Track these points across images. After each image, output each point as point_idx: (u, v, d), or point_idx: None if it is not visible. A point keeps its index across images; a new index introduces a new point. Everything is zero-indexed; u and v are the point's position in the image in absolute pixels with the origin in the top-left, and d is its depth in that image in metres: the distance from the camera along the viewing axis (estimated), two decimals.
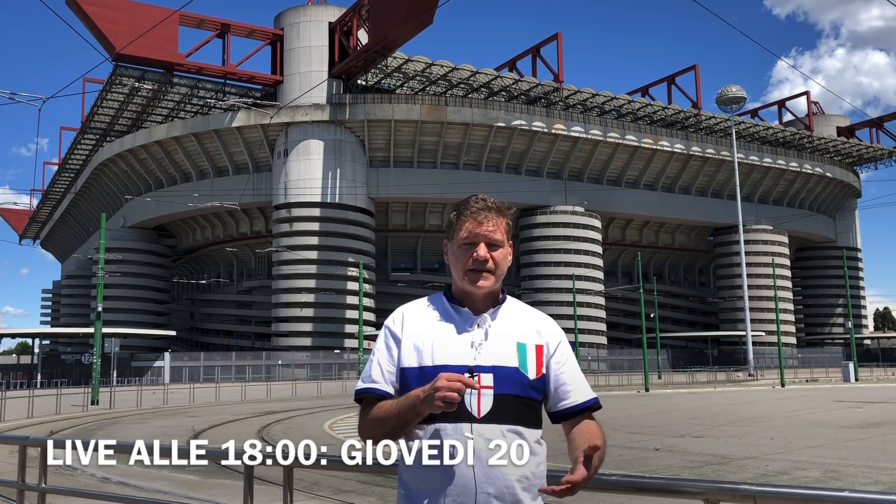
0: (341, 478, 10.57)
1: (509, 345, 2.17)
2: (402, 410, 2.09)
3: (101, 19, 58.90)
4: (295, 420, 22.96)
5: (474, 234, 2.21)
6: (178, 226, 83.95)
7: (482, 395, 2.10)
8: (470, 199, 2.27)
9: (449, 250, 2.29)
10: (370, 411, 2.18)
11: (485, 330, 2.20)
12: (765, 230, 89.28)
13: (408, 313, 2.28)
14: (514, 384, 2.13)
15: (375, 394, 2.19)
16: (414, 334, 2.21)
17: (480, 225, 2.21)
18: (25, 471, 4.50)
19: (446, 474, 2.07)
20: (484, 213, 2.23)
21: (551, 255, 75.92)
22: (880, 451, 13.85)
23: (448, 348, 2.16)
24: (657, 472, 11.37)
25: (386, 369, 2.21)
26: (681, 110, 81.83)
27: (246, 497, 3.39)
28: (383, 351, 2.24)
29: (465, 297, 2.25)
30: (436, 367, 2.13)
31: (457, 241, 2.24)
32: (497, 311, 2.24)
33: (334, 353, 66.69)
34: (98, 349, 34.08)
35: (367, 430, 2.19)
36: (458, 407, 2.02)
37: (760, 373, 65.00)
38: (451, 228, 2.28)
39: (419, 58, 68.22)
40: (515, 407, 2.12)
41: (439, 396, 1.98)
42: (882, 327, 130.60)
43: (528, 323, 2.25)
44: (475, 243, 2.21)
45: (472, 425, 2.08)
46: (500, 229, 2.23)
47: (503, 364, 2.14)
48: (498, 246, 2.22)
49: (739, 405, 27.64)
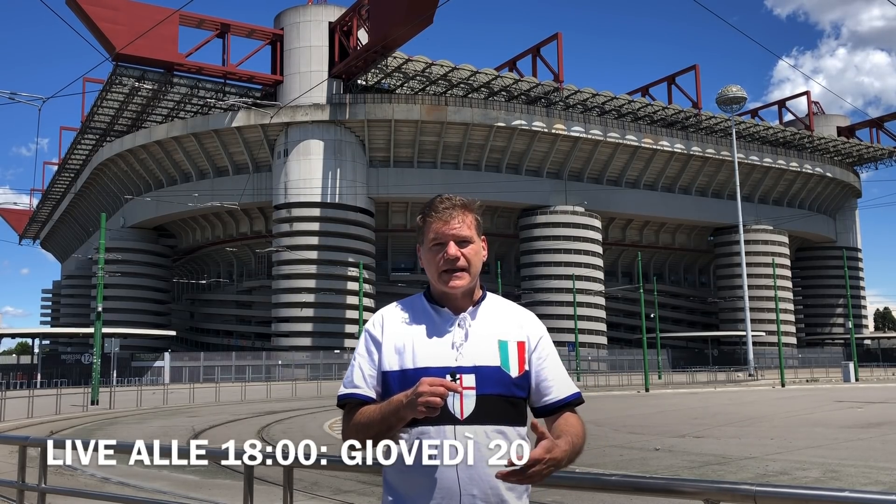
0: (341, 478, 10.57)
1: (490, 343, 2.16)
2: (385, 416, 2.08)
3: (101, 19, 58.89)
4: (295, 420, 22.96)
5: (442, 233, 2.20)
6: (178, 226, 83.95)
7: (465, 396, 2.09)
8: (435, 200, 2.26)
9: (421, 254, 2.28)
10: (353, 416, 2.17)
11: (465, 330, 2.19)
12: (765, 230, 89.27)
13: (387, 316, 2.27)
14: (497, 383, 2.12)
15: (358, 399, 2.18)
16: (394, 337, 2.20)
17: (447, 223, 2.20)
18: (25, 471, 4.50)
19: (430, 477, 2.07)
20: (449, 211, 2.22)
21: (551, 255, 75.90)
22: (880, 451, 13.85)
23: (429, 350, 2.16)
24: (657, 472, 11.37)
25: (367, 373, 2.20)
26: (681, 110, 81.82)
27: (246, 497, 3.39)
28: (364, 355, 2.23)
29: (443, 297, 2.24)
30: (417, 369, 2.12)
31: (427, 243, 2.24)
32: (477, 309, 2.24)
33: (334, 353, 66.68)
34: (98, 349, 34.07)
35: (351, 435, 2.19)
36: (441, 409, 2.02)
37: (760, 373, 64.97)
38: (420, 232, 2.27)
39: (419, 58, 68.19)
40: (499, 406, 2.11)
41: (422, 401, 1.97)
42: (882, 327, 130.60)
43: (509, 319, 2.24)
44: (444, 243, 2.20)
45: (455, 427, 2.08)
46: (468, 225, 2.23)
47: (485, 363, 2.13)
48: (468, 242, 2.22)
49: (739, 405, 27.63)
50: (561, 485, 2.67)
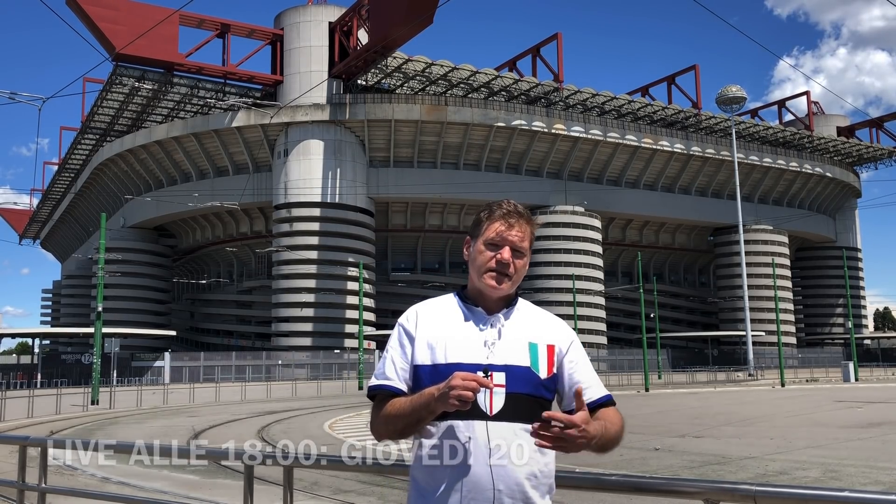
0: (341, 478, 10.58)
1: (521, 344, 2.20)
2: (415, 408, 2.11)
3: (101, 19, 58.90)
4: (295, 420, 22.97)
5: (503, 236, 2.26)
6: (178, 226, 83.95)
7: (494, 393, 2.12)
8: (503, 202, 2.31)
9: (471, 247, 2.32)
10: (383, 408, 2.20)
11: (498, 329, 2.22)
12: (765, 230, 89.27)
13: (422, 312, 2.30)
14: (526, 383, 2.16)
15: (389, 390, 2.22)
16: (428, 332, 2.24)
17: (511, 228, 2.26)
18: (25, 471, 4.50)
19: (459, 471, 2.09)
20: (515, 217, 2.28)
21: (551, 255, 75.89)
22: (880, 451, 13.85)
23: (461, 347, 2.19)
24: (657, 472, 11.37)
25: (399, 366, 2.24)
26: (681, 110, 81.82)
27: (246, 497, 3.39)
28: (397, 348, 2.26)
29: (479, 297, 2.28)
30: (449, 365, 2.15)
31: (483, 239, 2.28)
32: (510, 311, 2.28)
33: (334, 353, 66.69)
34: (98, 349, 34.06)
35: (380, 427, 2.22)
36: (472, 405, 2.04)
37: (760, 373, 64.97)
38: (478, 226, 2.31)
39: (419, 58, 68.18)
40: (527, 405, 2.14)
41: (454, 395, 2.00)
42: (882, 327, 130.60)
43: (540, 324, 2.29)
44: (501, 245, 2.25)
45: (485, 423, 2.10)
46: (527, 237, 2.29)
47: (515, 363, 2.17)
48: (522, 254, 2.28)
49: (739, 405, 27.63)
50: (561, 485, 2.67)
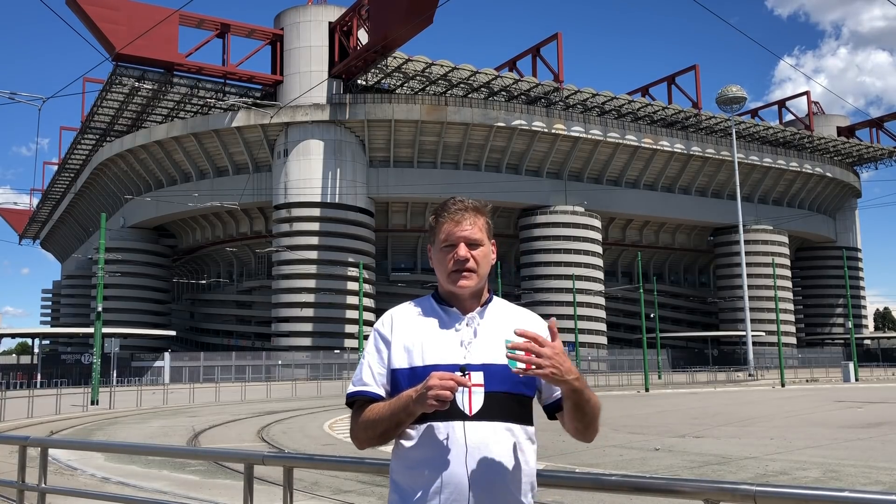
0: (341, 478, 10.58)
1: (498, 342, 2.17)
2: (394, 411, 2.10)
3: (101, 19, 58.90)
4: (295, 420, 22.97)
5: (453, 234, 2.24)
6: (178, 226, 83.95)
7: (473, 392, 2.11)
8: (448, 202, 2.30)
9: (432, 254, 2.32)
10: (362, 414, 2.19)
11: (473, 329, 2.21)
12: (765, 230, 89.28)
13: (397, 315, 2.29)
14: (505, 381, 2.14)
15: (367, 396, 2.21)
16: (404, 336, 2.23)
17: (458, 225, 2.25)
18: (25, 471, 4.50)
19: (439, 473, 2.08)
20: (461, 213, 2.26)
21: (551, 255, 75.89)
22: (880, 451, 13.84)
23: (438, 348, 2.18)
24: (657, 472, 11.37)
25: (377, 371, 2.23)
26: (681, 110, 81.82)
27: (246, 497, 3.39)
28: (373, 353, 2.25)
29: (452, 297, 2.27)
30: (426, 366, 2.14)
31: (438, 244, 2.28)
32: (485, 310, 2.27)
33: (334, 353, 66.69)
34: (98, 349, 34.06)
35: (360, 433, 2.20)
36: (450, 405, 2.03)
37: (760, 373, 65.00)
38: (431, 232, 2.32)
39: (419, 58, 68.18)
40: (507, 403, 2.13)
41: (432, 395, 1.99)
42: (882, 327, 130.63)
43: (516, 321, 2.26)
44: (455, 244, 2.24)
45: (463, 423, 2.09)
46: (479, 227, 2.27)
47: (493, 362, 2.15)
48: (478, 245, 2.25)
49: (739, 405, 27.63)
50: (561, 485, 2.67)
